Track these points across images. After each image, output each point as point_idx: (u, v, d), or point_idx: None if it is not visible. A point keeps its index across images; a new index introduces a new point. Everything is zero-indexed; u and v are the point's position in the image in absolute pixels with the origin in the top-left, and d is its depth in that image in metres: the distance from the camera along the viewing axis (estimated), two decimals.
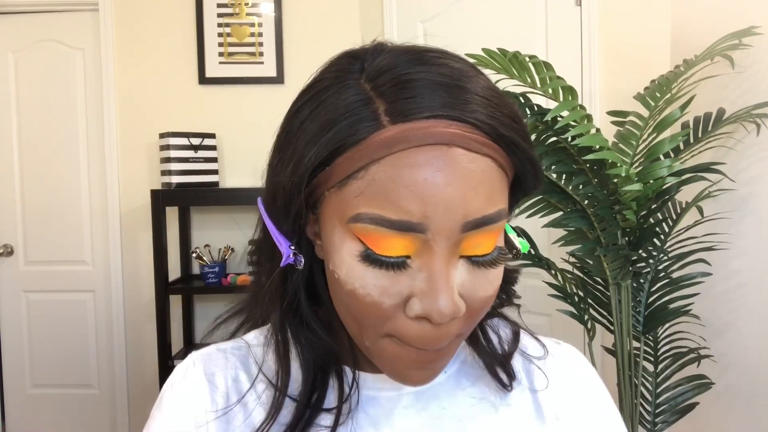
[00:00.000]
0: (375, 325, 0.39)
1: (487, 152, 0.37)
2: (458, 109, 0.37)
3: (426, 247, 0.37)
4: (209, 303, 2.48)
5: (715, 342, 1.55)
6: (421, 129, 0.36)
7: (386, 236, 0.36)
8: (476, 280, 0.39)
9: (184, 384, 0.48)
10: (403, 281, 0.37)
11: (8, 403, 2.55)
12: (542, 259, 1.54)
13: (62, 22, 2.46)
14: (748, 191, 1.48)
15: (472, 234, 0.37)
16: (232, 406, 0.47)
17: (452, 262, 0.37)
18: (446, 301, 0.36)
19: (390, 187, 0.36)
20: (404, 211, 0.35)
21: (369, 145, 0.36)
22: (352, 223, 0.37)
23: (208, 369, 0.49)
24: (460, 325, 0.39)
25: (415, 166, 0.35)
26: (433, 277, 0.36)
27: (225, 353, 0.50)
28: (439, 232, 0.36)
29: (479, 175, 0.37)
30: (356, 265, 0.37)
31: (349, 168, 0.37)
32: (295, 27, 2.40)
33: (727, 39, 1.38)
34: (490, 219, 0.37)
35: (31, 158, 2.49)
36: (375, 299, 0.37)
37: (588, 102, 1.87)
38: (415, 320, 0.37)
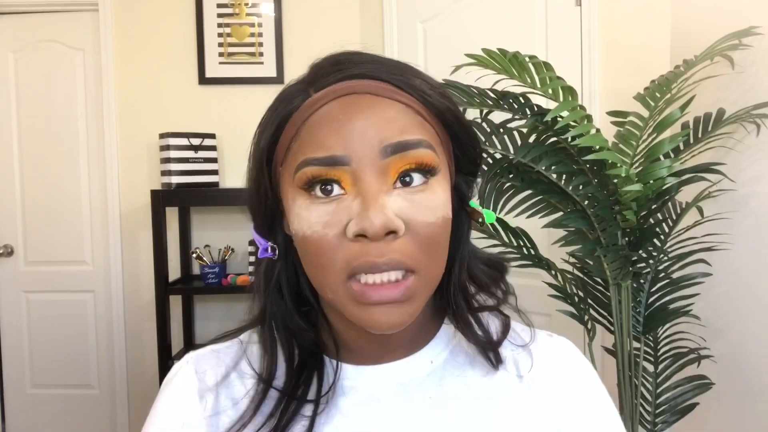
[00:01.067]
0: (328, 263, 0.42)
1: (397, 98, 0.44)
2: (374, 72, 0.44)
3: (356, 178, 0.42)
4: (209, 303, 2.48)
5: (715, 342, 1.55)
6: (338, 87, 0.44)
7: (317, 172, 0.42)
8: (414, 206, 0.42)
9: (176, 382, 0.50)
10: (341, 212, 0.42)
11: (8, 403, 2.55)
12: (542, 259, 1.54)
13: (62, 22, 2.47)
14: (748, 191, 1.48)
15: (394, 159, 0.42)
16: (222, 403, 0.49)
17: (383, 189, 0.42)
18: (376, 213, 0.40)
19: (314, 134, 0.43)
20: (326, 147, 0.42)
21: (300, 111, 0.44)
22: (296, 174, 0.43)
23: (199, 367, 0.51)
24: (406, 248, 0.42)
25: (330, 112, 0.43)
26: (364, 199, 0.41)
27: (218, 353, 0.53)
28: (360, 160, 0.41)
29: (391, 112, 0.43)
30: (302, 212, 0.43)
31: (289, 136, 0.44)
32: (295, 27, 2.40)
33: (727, 39, 1.38)
34: (409, 144, 0.42)
35: (31, 158, 2.49)
36: (320, 233, 0.42)
37: (588, 102, 1.87)
38: (357, 243, 0.41)
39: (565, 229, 1.45)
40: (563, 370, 0.52)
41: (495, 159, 1.44)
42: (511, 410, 0.49)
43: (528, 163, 1.38)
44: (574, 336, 1.77)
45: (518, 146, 1.40)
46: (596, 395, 0.52)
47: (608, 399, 0.53)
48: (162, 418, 0.48)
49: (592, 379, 0.53)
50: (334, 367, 0.49)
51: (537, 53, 1.34)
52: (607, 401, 0.52)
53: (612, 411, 0.52)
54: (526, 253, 1.55)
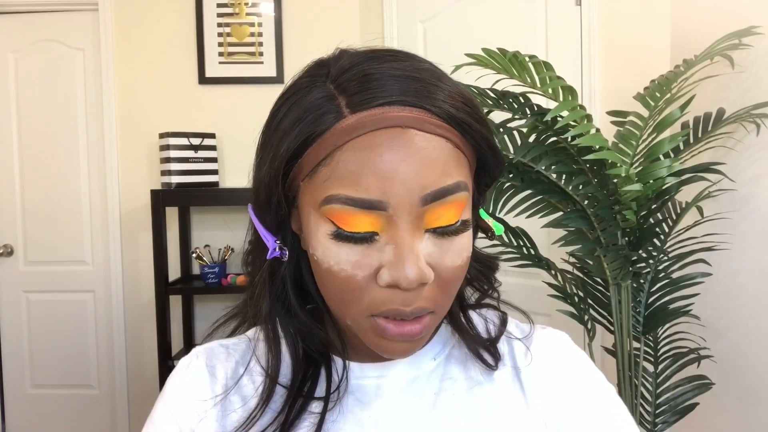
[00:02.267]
0: (354, 300, 0.42)
1: (441, 132, 0.41)
2: (411, 95, 0.41)
3: (391, 223, 0.40)
4: (209, 303, 2.48)
5: (715, 342, 1.55)
6: (377, 115, 0.40)
7: (352, 214, 0.40)
8: (443, 251, 0.42)
9: (186, 374, 0.51)
10: (372, 255, 0.41)
11: (8, 403, 2.55)
12: (542, 259, 1.54)
13: (62, 22, 2.46)
14: (748, 191, 1.48)
15: (432, 207, 0.40)
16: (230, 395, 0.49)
17: (417, 236, 0.41)
18: (411, 266, 0.39)
19: (352, 169, 0.40)
20: (364, 189, 0.39)
21: (332, 134, 0.40)
22: (323, 205, 0.41)
23: (209, 361, 0.52)
24: (431, 294, 0.42)
25: (372, 148, 0.39)
26: (399, 248, 0.40)
27: (227, 348, 0.53)
28: (399, 207, 0.40)
29: (433, 152, 0.40)
30: (330, 244, 0.41)
31: (317, 157, 0.41)
32: (295, 27, 2.40)
33: (727, 39, 1.37)
34: (448, 190, 0.41)
35: (31, 158, 2.49)
36: (348, 273, 0.41)
37: (588, 102, 1.87)
38: (387, 289, 0.41)
39: (565, 229, 1.45)
40: (560, 361, 0.53)
41: None
42: (509, 399, 0.50)
43: (528, 163, 1.38)
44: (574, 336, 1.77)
45: (518, 146, 1.40)
46: (595, 382, 0.52)
47: (608, 384, 0.53)
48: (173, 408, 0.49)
49: (589, 367, 0.53)
50: (341, 365, 0.49)
51: (537, 53, 1.34)
52: (607, 386, 0.53)
53: (613, 395, 0.52)
54: (526, 253, 1.55)
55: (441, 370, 0.51)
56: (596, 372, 0.53)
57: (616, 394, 0.52)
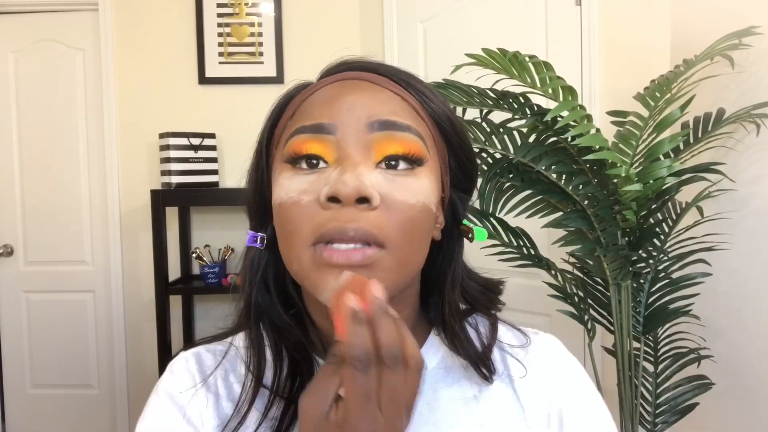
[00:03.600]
0: (298, 229, 0.42)
1: (394, 90, 0.45)
2: (372, 67, 0.47)
3: (340, 152, 0.42)
4: (209, 303, 2.48)
5: (715, 342, 1.55)
6: (337, 76, 0.47)
7: (305, 141, 0.43)
8: (394, 186, 0.42)
9: (178, 377, 0.50)
10: (320, 181, 0.42)
11: (8, 403, 2.55)
12: (542, 259, 1.54)
13: (62, 22, 2.46)
14: (748, 191, 1.48)
15: (380, 136, 0.42)
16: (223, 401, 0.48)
17: (366, 165, 0.42)
18: (350, 177, 0.40)
19: (308, 108, 0.45)
20: (315, 116, 0.44)
21: (298, 96, 0.47)
22: (284, 147, 0.45)
23: (200, 366, 0.51)
24: (377, 220, 0.40)
25: (327, 89, 0.46)
26: (343, 167, 0.41)
27: (214, 353, 0.52)
28: (345, 131, 0.42)
29: (384, 97, 0.44)
30: (285, 181, 0.44)
31: (286, 117, 0.47)
32: (295, 27, 2.40)
33: (727, 39, 1.37)
34: (396, 124, 0.43)
35: (31, 158, 2.49)
36: (294, 198, 0.42)
37: (588, 102, 1.87)
38: (328, 209, 0.41)
39: (565, 229, 1.45)
40: (554, 369, 0.53)
41: (495, 159, 1.44)
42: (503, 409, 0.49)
43: (528, 163, 1.38)
44: (574, 336, 1.78)
45: (518, 146, 1.40)
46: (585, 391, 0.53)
47: (597, 393, 0.53)
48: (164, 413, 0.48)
49: (581, 375, 0.54)
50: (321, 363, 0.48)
51: (537, 53, 1.34)
52: (596, 395, 0.53)
53: (601, 405, 0.53)
54: (526, 253, 1.55)
55: (432, 378, 0.50)
56: (587, 379, 0.54)
57: (603, 403, 0.53)
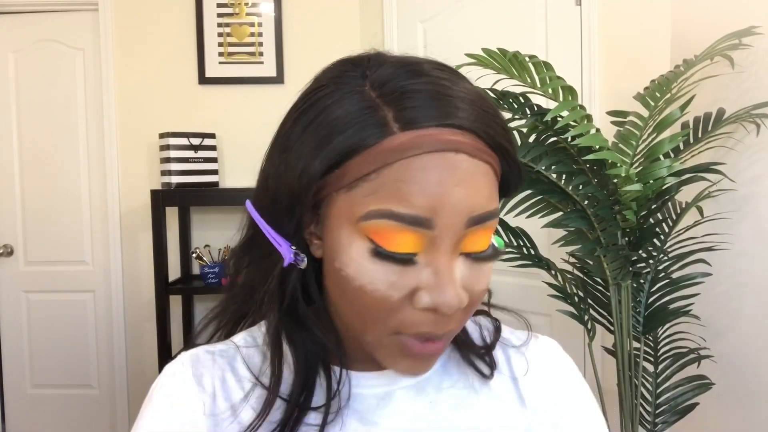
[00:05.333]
0: (382, 319, 0.41)
1: (486, 159, 0.41)
2: (462, 118, 0.40)
3: (432, 244, 0.39)
4: (209, 303, 2.48)
5: (715, 342, 1.55)
6: (431, 136, 0.39)
7: (396, 231, 0.39)
8: (474, 275, 0.42)
9: (173, 385, 0.49)
10: (410, 276, 0.40)
11: (8, 403, 2.55)
12: (542, 259, 1.54)
13: (62, 22, 2.46)
14: (748, 191, 1.48)
15: (472, 230, 0.40)
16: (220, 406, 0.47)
17: (454, 259, 0.40)
18: (453, 293, 0.39)
19: (401, 187, 0.38)
20: (415, 206, 0.38)
21: (381, 150, 0.39)
22: (363, 221, 0.39)
23: (196, 370, 0.49)
24: (459, 315, 0.42)
25: (425, 169, 0.38)
26: (440, 272, 0.39)
27: (213, 355, 0.51)
28: (446, 228, 0.39)
29: (481, 177, 0.40)
30: (365, 263, 0.40)
31: (360, 171, 0.39)
32: (295, 27, 2.40)
33: (727, 39, 1.37)
34: (490, 215, 0.41)
35: (31, 158, 2.49)
36: (383, 293, 0.39)
37: (588, 102, 1.87)
38: (422, 311, 0.40)
39: (565, 229, 1.45)
40: (554, 371, 0.54)
41: None
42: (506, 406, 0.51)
43: (528, 163, 1.38)
44: (574, 336, 1.78)
45: (518, 146, 1.40)
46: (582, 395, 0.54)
47: (592, 397, 0.55)
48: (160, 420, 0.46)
49: (578, 378, 0.55)
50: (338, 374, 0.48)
51: (537, 53, 1.34)
52: (591, 399, 0.55)
53: (596, 409, 0.54)
54: (526, 253, 1.55)
55: (439, 376, 0.51)
56: (583, 384, 0.55)
57: (598, 407, 0.55)
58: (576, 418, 0.52)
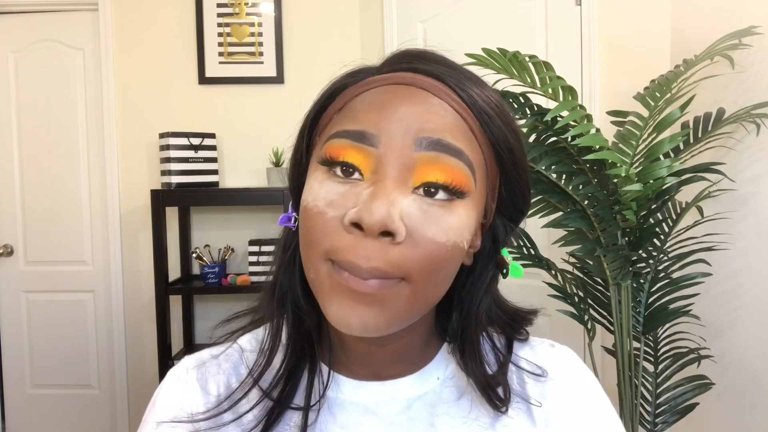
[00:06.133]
0: (317, 240, 0.39)
1: (453, 104, 0.41)
2: (439, 72, 0.42)
3: (379, 166, 0.38)
4: (209, 303, 2.48)
5: (715, 342, 1.55)
6: (396, 76, 0.42)
7: (344, 147, 0.39)
8: (426, 219, 0.38)
9: (177, 388, 0.48)
10: (349, 197, 0.38)
11: (8, 403, 2.55)
12: (542, 259, 1.54)
13: (62, 22, 2.46)
14: (748, 191, 1.48)
15: (425, 157, 0.38)
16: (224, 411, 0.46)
17: (402, 190, 0.38)
18: (379, 206, 0.36)
19: (357, 108, 0.41)
20: (360, 121, 0.39)
21: (352, 88, 0.43)
22: (323, 146, 0.41)
23: (200, 375, 0.49)
24: (398, 258, 0.37)
25: (381, 93, 0.41)
26: (376, 189, 0.37)
27: (217, 359, 0.50)
28: (390, 146, 0.38)
29: (442, 111, 0.40)
30: (315, 184, 0.40)
31: (335, 108, 0.43)
32: (295, 27, 2.40)
33: (727, 39, 1.37)
34: (447, 146, 0.39)
35: (31, 158, 2.49)
36: (320, 209, 0.39)
37: (588, 102, 1.87)
38: (351, 236, 0.37)
39: (565, 229, 1.45)
40: (570, 389, 0.50)
41: None
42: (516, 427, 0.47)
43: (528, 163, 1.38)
44: (574, 336, 1.78)
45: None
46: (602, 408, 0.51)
47: (612, 409, 0.51)
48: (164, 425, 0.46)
49: (597, 391, 0.51)
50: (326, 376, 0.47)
51: (537, 53, 1.34)
52: (611, 411, 0.51)
53: (616, 420, 0.51)
54: (526, 253, 1.55)
55: (445, 390, 0.48)
56: (604, 398, 0.51)
57: (619, 419, 0.51)
58: None
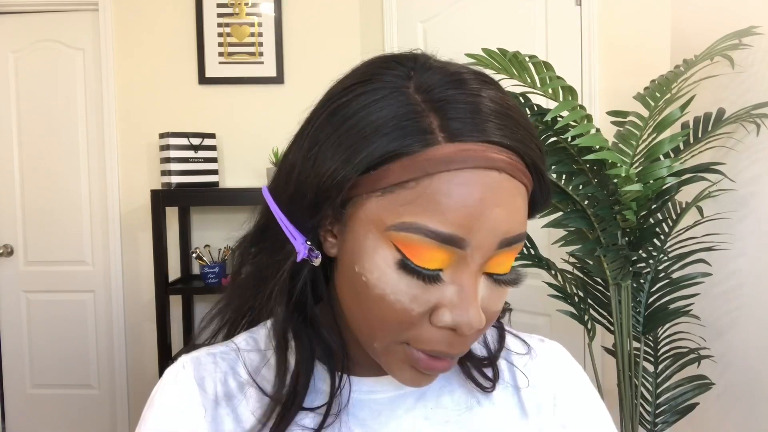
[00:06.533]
0: (396, 331, 0.39)
1: (524, 180, 0.40)
2: (509, 137, 0.38)
3: (460, 262, 0.38)
4: (209, 303, 2.46)
5: (715, 342, 1.55)
6: (476, 152, 0.37)
7: (428, 247, 0.37)
8: (493, 297, 0.40)
9: (174, 388, 0.48)
10: (433, 292, 0.38)
11: (8, 403, 2.55)
12: (542, 259, 1.54)
13: (62, 22, 2.46)
14: (748, 191, 1.48)
15: (500, 252, 0.39)
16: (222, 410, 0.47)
17: (478, 278, 0.39)
18: (475, 314, 0.38)
19: (441, 201, 0.36)
20: (452, 224, 0.36)
21: (424, 159, 0.37)
22: (394, 231, 0.37)
23: (198, 373, 0.49)
24: (473, 337, 0.41)
25: (468, 185, 0.37)
26: (465, 291, 0.38)
27: (215, 357, 0.50)
28: (478, 248, 0.37)
29: (520, 200, 0.39)
30: (389, 272, 0.38)
31: (398, 177, 0.37)
32: (295, 27, 2.40)
33: (727, 39, 1.37)
34: (521, 238, 0.40)
35: (31, 158, 2.49)
36: (405, 306, 0.38)
37: (588, 102, 1.87)
38: (439, 329, 0.39)
39: (565, 229, 1.45)
40: (558, 377, 0.53)
41: None
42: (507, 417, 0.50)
43: None
44: (574, 336, 1.78)
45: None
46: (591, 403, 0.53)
47: (602, 404, 0.53)
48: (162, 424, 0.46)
49: (586, 385, 0.54)
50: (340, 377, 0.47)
51: (537, 53, 1.34)
52: (602, 406, 0.53)
53: (606, 416, 0.52)
54: (526, 253, 1.55)
55: (447, 384, 0.50)
56: (592, 389, 0.54)
57: (608, 413, 0.53)
58: (584, 425, 0.50)
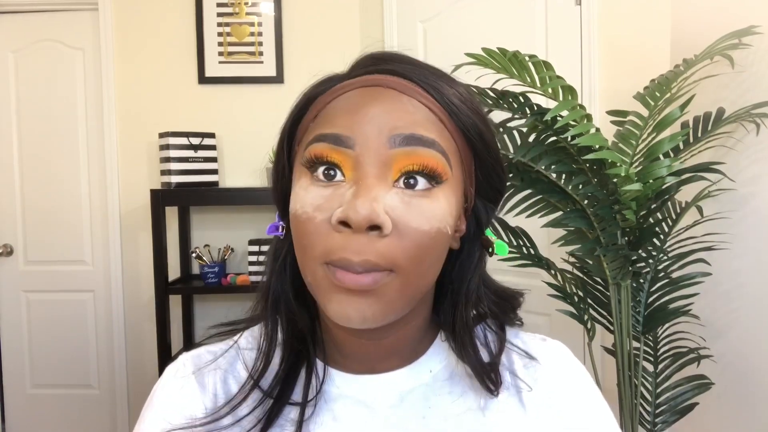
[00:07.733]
0: (311, 245, 0.41)
1: (421, 99, 0.43)
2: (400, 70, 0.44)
3: (357, 166, 0.40)
4: (209, 303, 2.48)
5: (715, 342, 1.55)
6: (364, 79, 0.44)
7: (323, 149, 0.41)
8: (409, 209, 0.40)
9: (174, 385, 0.49)
10: (335, 198, 0.40)
11: (8, 403, 2.55)
12: (542, 259, 1.54)
13: (62, 22, 2.46)
14: (748, 191, 1.48)
15: (401, 152, 0.40)
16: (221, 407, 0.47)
17: (383, 185, 0.40)
18: (363, 203, 0.38)
19: (331, 113, 0.43)
20: (335, 125, 0.42)
21: (324, 95, 0.45)
22: (304, 152, 0.43)
23: (198, 371, 0.49)
24: (387, 250, 0.39)
25: (352, 97, 0.43)
26: (358, 187, 0.40)
27: (215, 355, 0.51)
28: (365, 145, 0.40)
29: (411, 107, 0.42)
30: (301, 192, 0.42)
31: (310, 117, 0.45)
32: (295, 27, 2.40)
33: (727, 39, 1.37)
34: (422, 140, 0.41)
35: (31, 158, 2.49)
36: (309, 214, 0.41)
37: (588, 102, 1.87)
38: (341, 235, 0.39)
39: (564, 229, 1.45)
40: (560, 377, 0.51)
41: None
42: (508, 419, 0.48)
43: (528, 163, 1.38)
44: (574, 336, 1.78)
45: (518, 145, 1.40)
46: (593, 402, 0.51)
47: (604, 403, 0.52)
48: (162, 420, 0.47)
49: (588, 384, 0.52)
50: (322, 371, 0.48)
51: (537, 53, 1.34)
52: (604, 406, 0.52)
53: (609, 415, 0.51)
54: (526, 253, 1.55)
55: (438, 384, 0.49)
56: (594, 389, 0.52)
57: (611, 412, 0.51)
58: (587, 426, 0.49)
